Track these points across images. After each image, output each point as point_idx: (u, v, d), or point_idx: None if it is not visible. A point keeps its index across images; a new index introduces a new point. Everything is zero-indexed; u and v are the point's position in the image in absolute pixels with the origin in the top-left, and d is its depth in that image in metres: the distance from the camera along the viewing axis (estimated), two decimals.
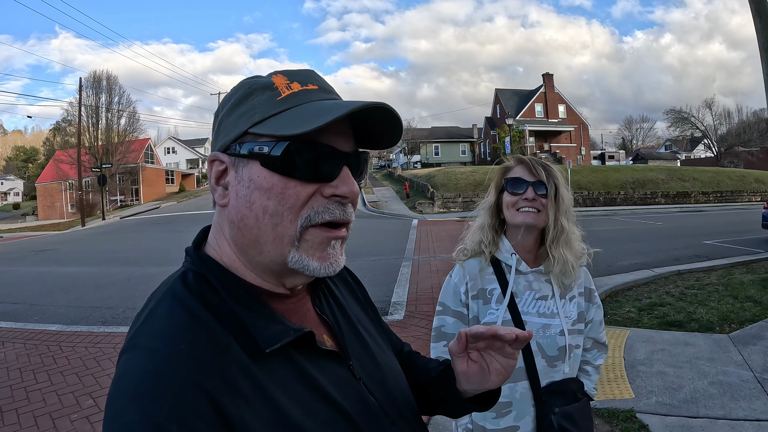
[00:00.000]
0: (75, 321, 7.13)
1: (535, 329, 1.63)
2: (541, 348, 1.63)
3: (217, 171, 0.75)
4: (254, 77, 0.77)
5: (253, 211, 0.71)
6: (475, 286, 1.72)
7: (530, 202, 1.64)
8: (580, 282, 1.74)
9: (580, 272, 1.74)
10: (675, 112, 59.46)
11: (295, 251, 0.71)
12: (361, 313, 0.97)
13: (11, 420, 3.94)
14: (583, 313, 1.73)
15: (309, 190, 0.71)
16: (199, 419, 0.58)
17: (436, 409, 1.00)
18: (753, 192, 35.75)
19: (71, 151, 41.38)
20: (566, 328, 1.64)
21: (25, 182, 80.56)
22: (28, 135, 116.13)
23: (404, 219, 23.55)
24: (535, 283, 1.68)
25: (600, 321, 1.81)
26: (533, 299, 1.67)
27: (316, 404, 0.70)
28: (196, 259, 0.76)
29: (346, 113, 0.67)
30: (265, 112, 0.71)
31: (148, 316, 0.68)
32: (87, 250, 17.03)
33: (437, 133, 62.34)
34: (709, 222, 19.28)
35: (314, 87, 0.75)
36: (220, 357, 0.64)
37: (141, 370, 0.61)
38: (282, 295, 0.77)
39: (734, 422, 3.42)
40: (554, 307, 1.66)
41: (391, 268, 9.97)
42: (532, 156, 1.75)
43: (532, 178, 1.66)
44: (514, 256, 1.69)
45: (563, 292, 1.68)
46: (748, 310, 6.01)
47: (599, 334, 1.81)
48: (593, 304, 1.78)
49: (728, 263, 9.35)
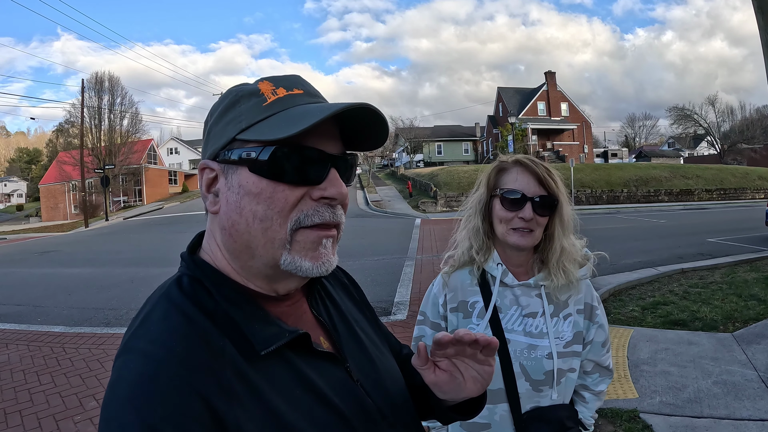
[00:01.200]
0: (78, 322, 7.16)
1: (519, 349, 1.45)
2: (525, 370, 1.45)
3: (207, 179, 0.76)
4: (241, 85, 0.77)
5: (243, 217, 0.71)
6: (455, 297, 1.55)
7: (527, 222, 1.43)
8: (579, 297, 1.52)
9: (580, 285, 1.53)
10: (678, 110, 59.44)
11: (287, 254, 0.71)
12: (358, 315, 0.96)
13: (15, 422, 3.95)
14: (580, 333, 1.51)
15: (297, 193, 0.71)
16: (194, 421, 0.58)
17: (430, 414, 1.00)
18: (756, 189, 35.66)
19: (74, 153, 41.53)
20: (556, 350, 1.44)
21: (28, 184, 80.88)
22: (31, 137, 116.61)
23: (407, 218, 23.55)
24: (522, 298, 1.50)
25: (602, 342, 1.56)
26: (519, 316, 1.48)
27: (313, 406, 0.70)
28: (190, 263, 0.77)
29: (329, 115, 0.67)
30: (252, 118, 0.72)
31: (143, 321, 0.69)
32: (90, 252, 17.08)
33: (440, 132, 62.30)
34: (712, 220, 19.24)
35: (299, 92, 0.75)
36: (215, 359, 0.64)
37: (136, 373, 0.61)
38: (277, 298, 0.78)
39: (738, 422, 3.41)
40: (543, 326, 1.47)
41: (394, 268, 9.97)
42: (533, 156, 1.52)
43: (534, 191, 1.44)
44: (500, 267, 1.51)
45: (557, 309, 1.49)
46: (752, 309, 5.99)
47: (601, 357, 1.57)
48: (594, 323, 1.54)
49: (732, 261, 9.32)
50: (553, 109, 52.02)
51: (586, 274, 1.53)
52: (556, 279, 1.45)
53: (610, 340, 1.60)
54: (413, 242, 14.21)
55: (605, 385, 1.61)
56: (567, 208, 1.48)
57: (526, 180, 1.45)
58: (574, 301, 1.51)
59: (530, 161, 1.48)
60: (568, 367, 1.47)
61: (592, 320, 1.54)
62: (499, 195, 1.48)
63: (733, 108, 61.09)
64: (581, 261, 1.52)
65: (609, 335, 1.60)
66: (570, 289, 1.49)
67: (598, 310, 1.55)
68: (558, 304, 1.49)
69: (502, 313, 1.49)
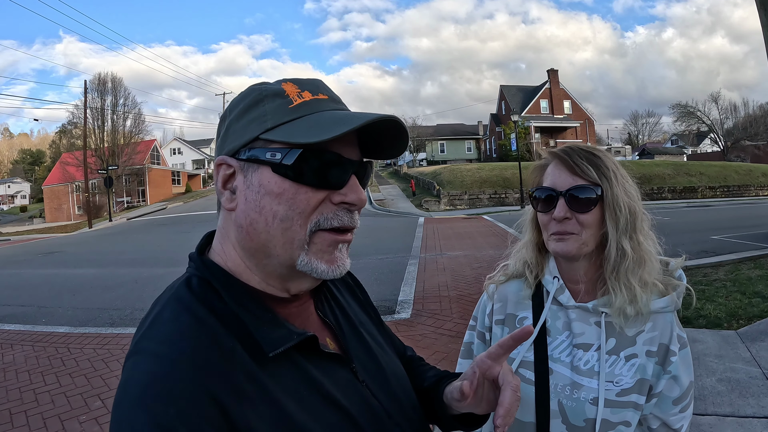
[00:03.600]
0: (83, 323, 7.18)
1: (561, 384, 1.18)
2: (563, 411, 1.16)
3: (224, 175, 0.75)
4: (263, 84, 0.78)
5: (262, 216, 0.71)
6: (503, 309, 1.33)
7: (560, 224, 1.17)
8: (653, 336, 1.16)
9: (657, 320, 1.17)
10: (681, 107, 59.27)
11: (304, 255, 0.72)
12: (363, 316, 0.97)
13: (20, 422, 3.97)
14: (646, 382, 1.14)
15: (319, 196, 0.72)
16: (205, 421, 0.59)
17: (432, 419, 0.99)
18: (760, 186, 35.52)
19: (77, 154, 41.56)
20: (604, 395, 1.13)
21: (32, 185, 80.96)
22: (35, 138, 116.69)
23: (411, 217, 23.55)
24: (576, 324, 1.20)
25: (676, 399, 1.17)
26: (569, 344, 1.20)
27: (321, 407, 0.71)
28: (199, 264, 0.77)
29: (362, 125, 0.68)
30: (278, 119, 0.72)
31: (153, 321, 0.69)
32: (94, 252, 17.13)
33: (443, 131, 62.24)
34: (716, 217, 19.15)
35: (324, 97, 0.76)
36: (225, 360, 0.65)
37: (147, 374, 0.61)
38: (285, 299, 0.78)
39: (742, 419, 3.40)
40: (595, 363, 1.16)
41: (398, 267, 9.97)
42: (571, 144, 1.26)
43: (567, 182, 1.18)
44: (556, 281, 1.25)
45: (618, 346, 1.16)
46: (757, 306, 5.96)
47: (671, 417, 1.17)
48: (666, 372, 1.16)
49: (736, 258, 9.25)
50: (556, 107, 51.98)
51: (668, 306, 1.17)
52: (617, 298, 1.15)
53: (691, 398, 1.20)
54: (417, 241, 14.20)
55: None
56: (623, 197, 1.16)
57: (558, 173, 1.20)
58: (644, 340, 1.17)
59: (563, 150, 1.22)
60: (620, 419, 1.13)
61: (665, 368, 1.16)
62: (533, 196, 1.25)
63: (736, 105, 60.89)
64: (662, 285, 1.19)
65: (690, 391, 1.19)
66: (640, 321, 1.16)
67: (676, 356, 1.16)
68: (621, 339, 1.17)
69: (551, 337, 1.23)
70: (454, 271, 9.28)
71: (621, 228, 1.15)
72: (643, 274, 1.16)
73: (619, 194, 1.16)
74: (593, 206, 1.16)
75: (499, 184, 30.68)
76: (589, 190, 1.16)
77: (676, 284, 1.20)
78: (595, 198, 1.16)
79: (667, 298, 1.17)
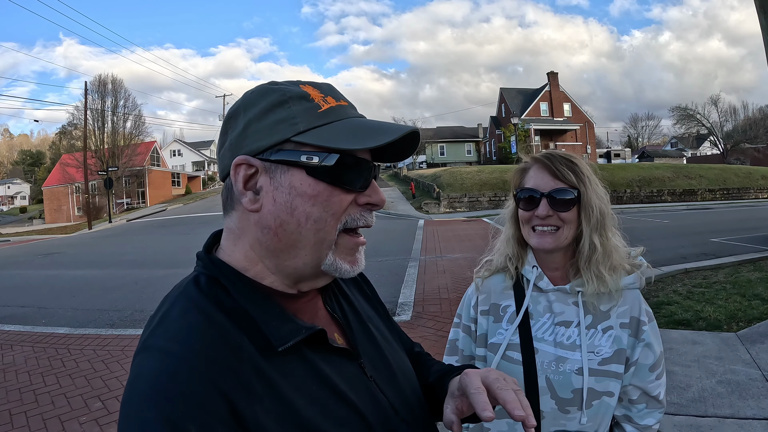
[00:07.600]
0: (83, 324, 7.19)
1: (547, 361, 1.31)
2: (551, 385, 1.29)
3: (245, 175, 0.74)
4: (282, 85, 0.78)
5: (294, 217, 0.73)
6: (488, 300, 1.45)
7: (543, 220, 1.32)
8: (624, 309, 1.33)
9: (626, 296, 1.34)
10: (680, 110, 59.34)
11: (331, 254, 0.75)
12: (370, 311, 0.98)
13: (20, 423, 3.97)
14: (623, 352, 1.30)
15: (349, 198, 0.75)
16: (214, 417, 0.59)
17: (438, 414, 1.00)
18: (760, 189, 35.55)
19: (77, 155, 41.54)
20: (588, 365, 1.27)
21: (32, 186, 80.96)
22: (35, 139, 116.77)
23: (410, 219, 23.53)
24: (556, 304, 1.35)
25: (650, 366, 1.33)
26: (551, 324, 1.34)
27: (329, 402, 0.71)
28: (207, 262, 0.77)
29: (399, 137, 0.73)
30: (309, 123, 0.73)
31: (161, 319, 0.70)
32: (94, 253, 17.12)
33: (442, 133, 62.20)
34: (716, 220, 19.16)
35: (345, 103, 0.79)
36: (233, 356, 0.65)
37: (156, 370, 0.62)
38: (293, 295, 0.79)
39: (742, 421, 3.40)
40: (576, 337, 1.31)
41: (398, 269, 9.98)
42: (551, 151, 1.40)
43: (549, 185, 1.32)
44: (535, 270, 1.39)
45: (595, 320, 1.32)
46: (756, 308, 5.96)
47: (648, 384, 1.33)
48: (640, 341, 1.32)
49: (736, 261, 9.28)
50: (556, 110, 51.96)
51: (634, 283, 1.35)
52: (588, 284, 1.31)
53: (663, 366, 1.37)
54: (417, 243, 14.21)
55: (653, 419, 1.36)
56: (594, 200, 1.31)
57: (541, 176, 1.34)
58: (618, 314, 1.33)
59: (545, 156, 1.37)
60: (603, 389, 1.27)
61: (638, 337, 1.32)
62: (517, 196, 1.40)
63: (735, 108, 61.13)
64: (628, 266, 1.36)
65: (662, 359, 1.36)
66: (612, 298, 1.32)
67: (647, 326, 1.33)
68: (597, 314, 1.32)
69: (534, 320, 1.36)
70: (454, 274, 9.29)
71: (593, 225, 1.31)
72: (611, 263, 1.32)
73: (593, 197, 1.32)
74: (572, 206, 1.31)
75: (498, 186, 30.63)
76: (569, 192, 1.31)
77: (639, 264, 1.39)
78: (573, 199, 1.31)
79: (634, 275, 1.35)
